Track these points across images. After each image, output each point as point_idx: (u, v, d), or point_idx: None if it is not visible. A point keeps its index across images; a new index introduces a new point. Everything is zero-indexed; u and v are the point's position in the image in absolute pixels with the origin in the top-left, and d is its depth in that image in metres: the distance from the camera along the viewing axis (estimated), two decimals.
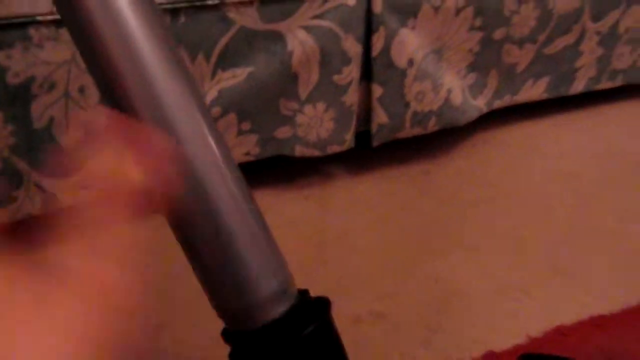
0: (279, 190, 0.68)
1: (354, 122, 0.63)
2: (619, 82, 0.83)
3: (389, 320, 0.51)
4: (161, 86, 0.24)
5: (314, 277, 0.56)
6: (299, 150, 0.63)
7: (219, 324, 0.29)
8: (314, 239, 0.62)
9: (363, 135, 0.68)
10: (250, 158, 0.63)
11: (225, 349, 0.29)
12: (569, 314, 0.52)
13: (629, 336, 0.50)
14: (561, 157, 0.75)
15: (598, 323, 0.51)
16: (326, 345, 0.30)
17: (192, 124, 0.25)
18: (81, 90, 0.52)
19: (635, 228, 0.62)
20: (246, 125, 0.59)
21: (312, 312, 0.29)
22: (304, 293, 0.30)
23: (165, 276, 0.53)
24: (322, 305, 0.30)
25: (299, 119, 0.61)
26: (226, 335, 0.29)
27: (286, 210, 0.66)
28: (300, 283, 0.58)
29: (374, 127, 0.65)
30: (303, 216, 0.65)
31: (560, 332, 0.50)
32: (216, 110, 0.56)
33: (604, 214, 0.65)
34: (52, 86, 0.50)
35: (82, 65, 0.51)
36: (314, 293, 0.56)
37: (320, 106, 0.60)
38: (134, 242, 0.22)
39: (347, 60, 0.58)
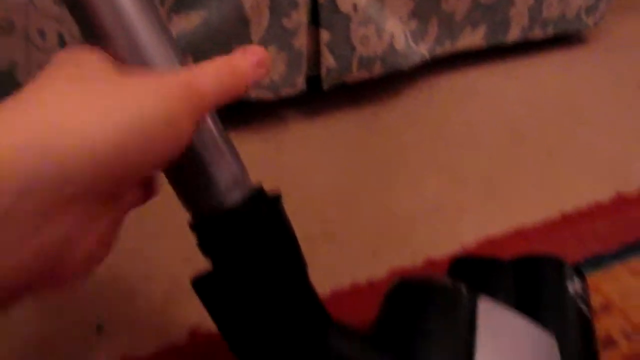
0: (237, 133, 0.72)
1: (304, 66, 0.67)
2: (550, 31, 0.89)
3: (338, 239, 0.57)
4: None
5: None
6: (254, 93, 0.67)
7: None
8: (271, 176, 0.66)
9: (315, 80, 0.72)
10: None
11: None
12: (499, 227, 0.59)
13: (546, 243, 0.57)
14: (498, 101, 0.82)
15: (521, 233, 0.58)
16: (280, 227, 0.34)
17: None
18: (41, 33, 0.54)
19: (560, 159, 0.70)
20: None
21: (267, 199, 0.34)
22: (257, 186, 0.34)
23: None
24: (275, 195, 0.35)
25: None
26: (193, 226, 0.33)
27: (245, 151, 0.69)
28: None
29: (323, 71, 0.69)
30: (261, 156, 0.69)
31: (490, 241, 0.57)
32: None
33: (534, 149, 0.72)
34: (11, 28, 0.52)
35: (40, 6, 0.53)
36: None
37: (272, 49, 0.64)
38: None
39: (294, 5, 0.62)
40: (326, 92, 0.74)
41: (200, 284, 0.33)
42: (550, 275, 0.42)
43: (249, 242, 0.32)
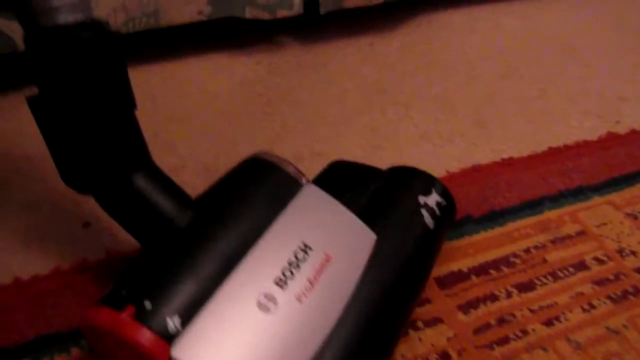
0: (231, 54, 0.72)
1: None
2: None
3: (327, 159, 0.57)
4: None
5: (260, 124, 0.62)
6: (250, 12, 0.66)
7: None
8: (263, 96, 0.66)
9: (312, 5, 0.71)
10: (203, 17, 0.65)
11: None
12: (485, 157, 0.59)
13: (532, 173, 0.58)
14: (497, 38, 0.81)
15: (508, 163, 0.58)
16: (109, 59, 0.34)
17: None
18: None
19: (553, 96, 0.69)
20: None
21: (101, 28, 0.34)
22: (98, 18, 0.34)
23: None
24: (109, 28, 0.35)
25: None
26: (24, 40, 0.33)
27: (237, 71, 0.70)
28: (247, 130, 0.63)
29: None
30: (253, 78, 0.69)
31: (475, 169, 0.57)
32: None
33: (528, 84, 0.71)
34: None
35: None
36: (263, 137, 0.62)
37: None
38: None
39: None
40: (323, 18, 0.73)
41: (33, 103, 0.34)
42: (407, 185, 0.44)
43: (73, 64, 0.33)
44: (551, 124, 0.65)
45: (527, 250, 0.49)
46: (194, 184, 0.53)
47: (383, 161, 0.57)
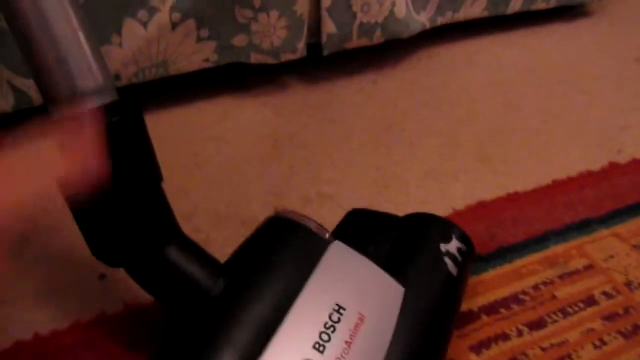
0: (237, 97, 0.74)
1: (304, 31, 0.68)
2: (552, 3, 0.89)
3: (335, 201, 0.59)
4: None
5: (269, 168, 0.63)
6: (255, 58, 0.68)
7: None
8: (269, 139, 0.68)
9: (315, 46, 0.73)
10: (210, 64, 0.68)
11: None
12: (490, 192, 0.60)
13: (537, 207, 0.58)
14: (497, 70, 0.83)
15: (512, 198, 0.59)
16: (137, 136, 0.35)
17: None
18: None
19: (554, 128, 0.71)
20: (204, 32, 0.64)
21: (125, 106, 0.35)
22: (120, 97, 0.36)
23: None
24: (134, 104, 0.36)
25: (254, 27, 0.65)
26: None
27: (244, 114, 0.71)
28: (255, 174, 0.65)
29: (324, 37, 0.70)
30: (260, 120, 0.71)
31: (480, 205, 0.58)
32: (176, 16, 0.60)
33: (530, 116, 0.73)
34: None
35: None
36: (271, 181, 0.63)
37: (274, 14, 0.64)
38: None
39: None
40: (326, 59, 0.75)
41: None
42: (427, 233, 0.45)
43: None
44: (554, 156, 0.66)
45: (536, 287, 0.50)
46: (206, 230, 0.55)
47: (391, 201, 0.59)
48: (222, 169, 0.63)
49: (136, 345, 0.44)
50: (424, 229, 0.46)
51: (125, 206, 0.35)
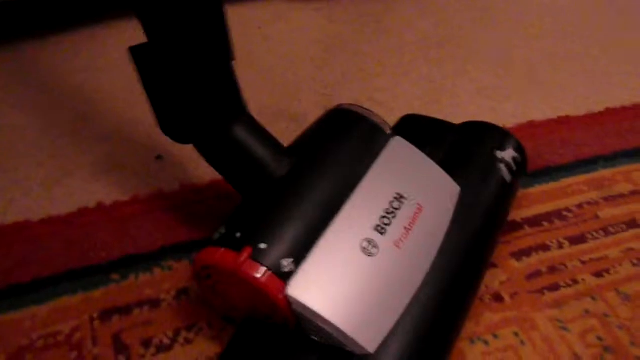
0: (291, 3, 0.72)
1: None
2: None
3: (385, 106, 0.59)
4: None
5: (320, 70, 0.63)
6: None
7: None
8: (322, 43, 0.67)
9: None
10: None
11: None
12: (541, 114, 0.60)
13: (587, 132, 0.58)
14: None
15: (563, 121, 0.59)
16: (214, 15, 0.35)
17: None
18: None
19: (614, 57, 0.69)
20: None
21: None
22: None
23: None
24: None
25: None
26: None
27: (297, 18, 0.70)
28: (307, 76, 0.64)
29: None
30: (313, 24, 0.70)
31: (531, 125, 0.58)
32: None
33: (589, 44, 0.71)
34: None
35: None
36: (322, 82, 0.63)
37: None
38: None
39: None
40: None
41: (137, 52, 0.36)
42: (483, 140, 0.45)
43: (179, 15, 0.34)
44: (610, 85, 0.65)
45: (580, 206, 0.51)
46: None
47: (441, 114, 0.58)
48: (275, 68, 0.63)
49: (192, 221, 0.46)
50: (480, 135, 0.46)
51: (195, 79, 0.36)
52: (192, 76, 0.36)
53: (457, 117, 0.54)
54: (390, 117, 0.56)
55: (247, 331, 0.35)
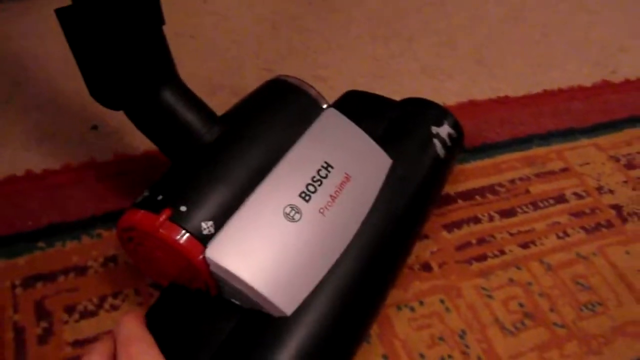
0: None
1: None
2: None
3: (329, 84, 0.59)
4: None
5: (266, 46, 0.63)
6: None
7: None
8: (269, 20, 0.67)
9: None
10: None
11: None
12: (481, 94, 0.61)
13: (524, 112, 0.60)
14: None
15: (503, 101, 0.60)
16: None
17: None
18: None
19: (554, 42, 0.71)
20: None
21: None
22: None
23: None
24: None
25: None
26: None
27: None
28: (254, 51, 0.64)
29: None
30: (261, 1, 0.69)
31: (472, 104, 0.59)
32: None
33: (532, 28, 0.72)
34: None
35: None
36: (266, 58, 0.63)
37: None
38: None
39: None
40: None
41: (63, 14, 0.35)
42: (420, 116, 0.47)
43: None
44: (549, 67, 0.66)
45: (512, 181, 0.52)
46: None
47: (384, 91, 0.59)
48: (219, 43, 0.62)
49: (124, 190, 0.46)
50: (418, 111, 0.47)
51: (122, 42, 0.35)
52: (119, 39, 0.35)
53: (400, 95, 0.55)
54: (333, 93, 0.57)
55: (170, 296, 0.35)
